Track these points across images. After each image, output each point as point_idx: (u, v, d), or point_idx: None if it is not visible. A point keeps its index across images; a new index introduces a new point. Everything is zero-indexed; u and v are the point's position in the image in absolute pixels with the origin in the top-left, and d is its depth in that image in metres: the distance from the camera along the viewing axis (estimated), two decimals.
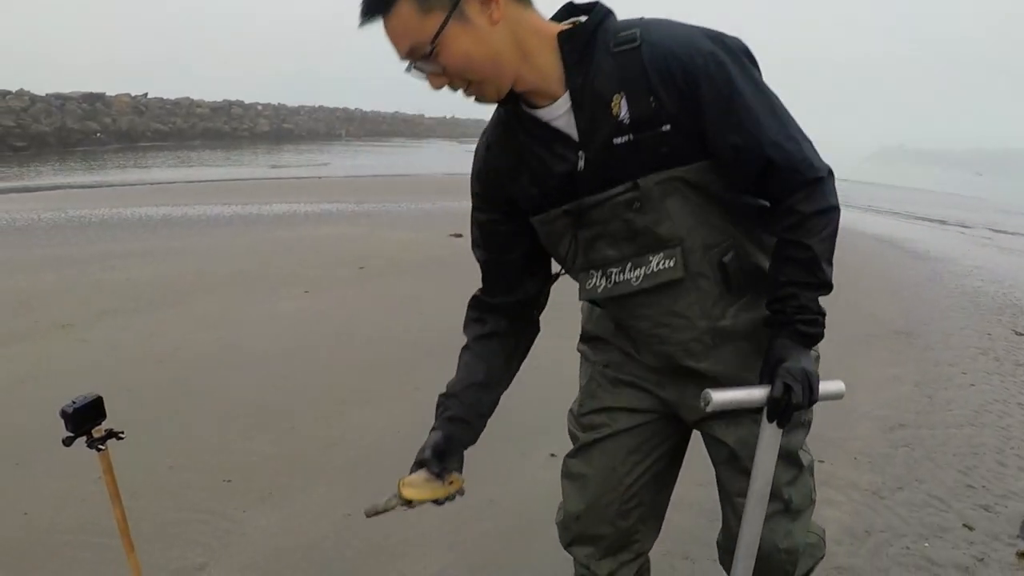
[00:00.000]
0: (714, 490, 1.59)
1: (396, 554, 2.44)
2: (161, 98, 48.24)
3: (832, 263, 1.28)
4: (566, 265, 1.41)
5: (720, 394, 1.23)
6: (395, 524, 2.61)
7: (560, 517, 1.66)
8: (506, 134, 1.36)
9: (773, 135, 1.23)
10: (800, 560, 1.51)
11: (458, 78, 1.21)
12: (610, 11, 1.27)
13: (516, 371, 1.56)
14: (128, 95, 44.96)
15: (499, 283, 1.49)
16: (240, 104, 54.68)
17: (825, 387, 1.28)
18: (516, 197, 1.38)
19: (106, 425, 1.54)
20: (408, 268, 7.05)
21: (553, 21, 1.29)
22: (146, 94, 47.02)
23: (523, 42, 1.22)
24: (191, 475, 2.92)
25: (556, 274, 1.51)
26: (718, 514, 1.59)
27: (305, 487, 2.87)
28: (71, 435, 1.49)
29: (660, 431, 1.54)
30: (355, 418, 3.52)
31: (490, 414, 1.51)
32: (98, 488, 1.73)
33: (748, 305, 1.37)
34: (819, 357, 1.39)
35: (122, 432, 1.56)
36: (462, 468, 1.46)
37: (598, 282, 1.38)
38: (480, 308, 1.53)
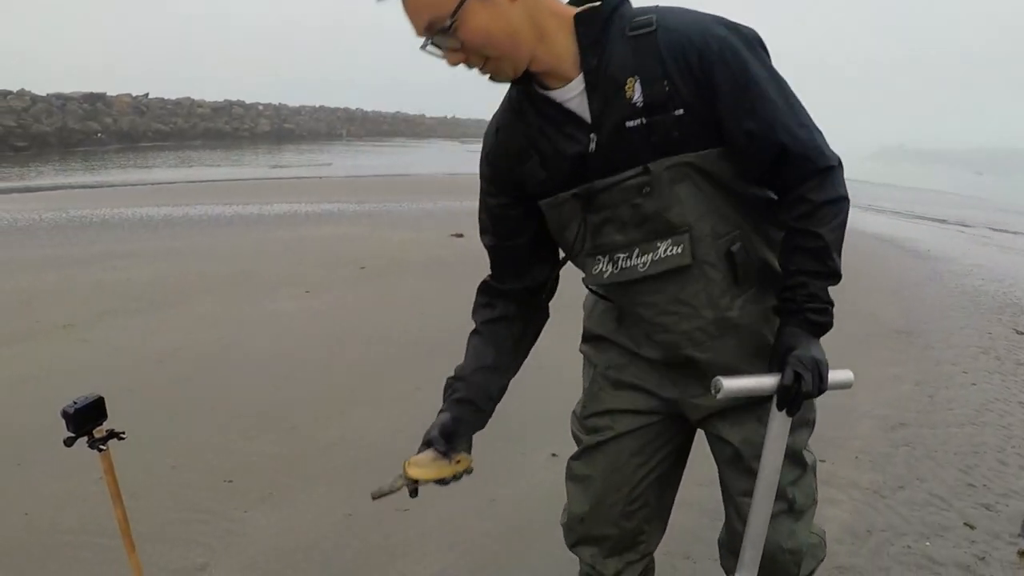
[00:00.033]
0: (715, 489, 1.59)
1: (396, 554, 2.44)
2: (162, 98, 48.26)
3: (841, 253, 1.29)
4: (573, 250, 1.39)
5: (731, 381, 1.23)
6: (396, 524, 2.62)
7: (565, 519, 1.66)
8: (516, 116, 1.36)
9: (787, 122, 1.25)
10: (804, 561, 1.51)
11: (475, 54, 1.22)
12: None
13: (525, 356, 1.55)
14: (129, 95, 44.99)
15: (508, 269, 1.49)
16: (241, 104, 54.69)
17: (834, 376, 1.28)
18: (525, 180, 1.37)
19: (107, 425, 1.54)
20: (409, 268, 7.05)
21: (570, 5, 1.30)
22: (147, 94, 47.05)
23: (540, 22, 1.23)
24: (192, 475, 2.93)
25: (564, 259, 1.50)
26: (719, 514, 1.60)
27: (306, 487, 2.87)
28: (72, 435, 1.49)
29: (663, 432, 1.54)
30: (356, 418, 3.52)
31: (499, 398, 1.50)
32: (99, 488, 1.73)
33: (754, 298, 1.36)
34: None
35: (123, 432, 1.56)
36: (470, 450, 1.43)
37: (604, 267, 1.37)
38: (489, 293, 1.52)
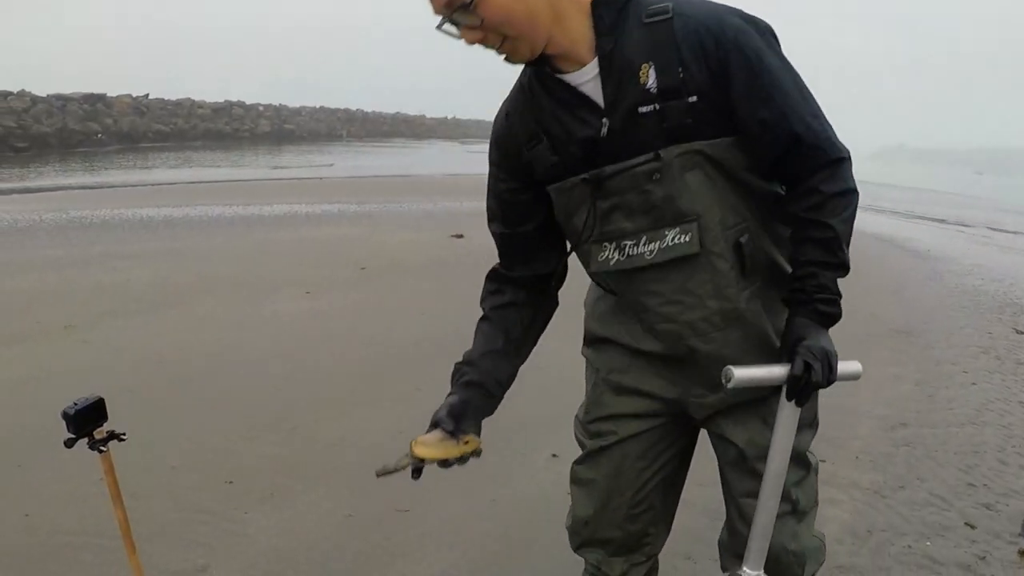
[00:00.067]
0: (716, 489, 1.59)
1: (397, 555, 2.44)
2: (162, 99, 48.26)
3: (849, 245, 1.30)
4: (579, 238, 1.39)
5: (741, 371, 1.24)
6: (396, 525, 2.62)
7: (569, 522, 1.66)
8: (527, 101, 1.36)
9: (800, 112, 1.26)
10: (807, 563, 1.51)
11: (494, 33, 1.22)
12: None
13: (534, 344, 1.54)
14: (129, 96, 44.99)
15: (516, 256, 1.49)
16: (241, 105, 54.68)
17: (843, 367, 1.28)
18: (533, 164, 1.37)
19: (108, 426, 1.54)
20: (409, 269, 7.05)
21: None
22: (147, 95, 47.04)
23: (558, 4, 1.24)
24: (192, 476, 2.93)
25: (572, 248, 1.49)
26: (720, 514, 1.59)
27: (306, 488, 2.87)
28: (73, 437, 1.49)
29: (667, 435, 1.54)
30: (356, 419, 3.52)
31: (508, 385, 1.48)
32: (99, 489, 1.73)
33: (759, 292, 1.36)
34: None
35: (124, 434, 1.56)
36: (479, 433, 1.39)
37: (610, 255, 1.36)
38: (498, 280, 1.52)
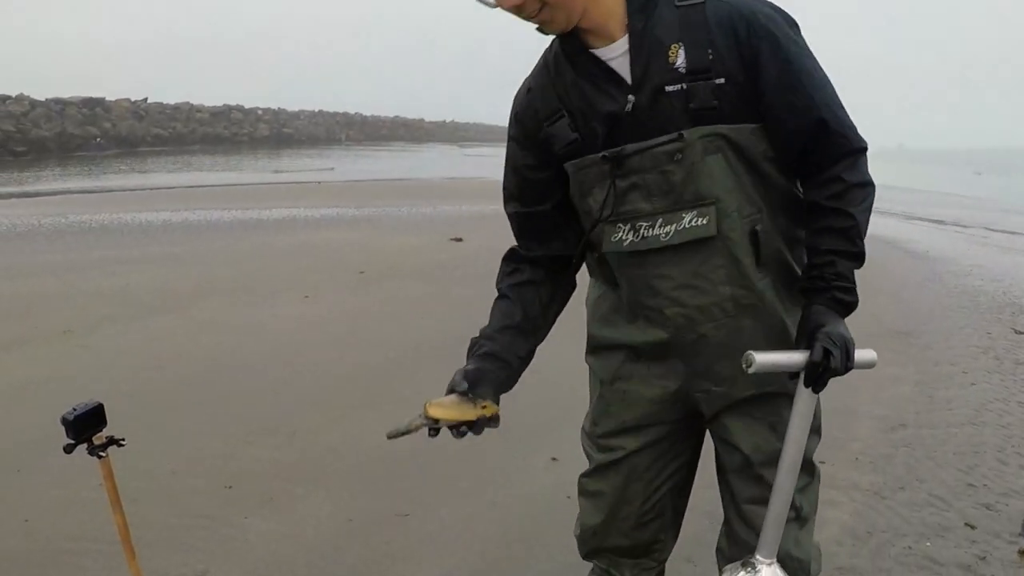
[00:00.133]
0: (716, 491, 1.58)
1: (397, 559, 2.44)
2: (161, 103, 48.32)
3: (865, 237, 1.32)
4: (593, 217, 1.39)
5: (763, 356, 1.24)
6: (396, 529, 2.62)
7: (578, 530, 1.66)
8: (551, 77, 1.38)
9: (827, 100, 1.30)
10: (810, 570, 1.51)
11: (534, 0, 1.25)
12: None
13: (551, 324, 1.52)
14: (128, 100, 45.06)
15: (534, 236, 1.49)
16: (240, 109, 54.75)
17: (859, 355, 1.28)
18: (553, 141, 1.37)
19: (107, 432, 1.54)
20: (408, 273, 7.05)
21: None
22: (146, 99, 47.11)
23: None
24: (192, 481, 2.92)
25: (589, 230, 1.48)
26: (721, 516, 1.59)
27: (306, 493, 2.87)
28: (72, 442, 1.49)
29: (675, 444, 1.53)
30: (356, 423, 3.52)
31: (527, 362, 1.45)
32: (99, 495, 1.73)
33: (771, 284, 1.36)
34: None
35: (123, 439, 1.56)
36: (498, 401, 1.33)
37: (624, 236, 1.36)
38: (515, 260, 1.52)
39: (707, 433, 1.56)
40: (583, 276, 1.58)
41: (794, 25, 1.32)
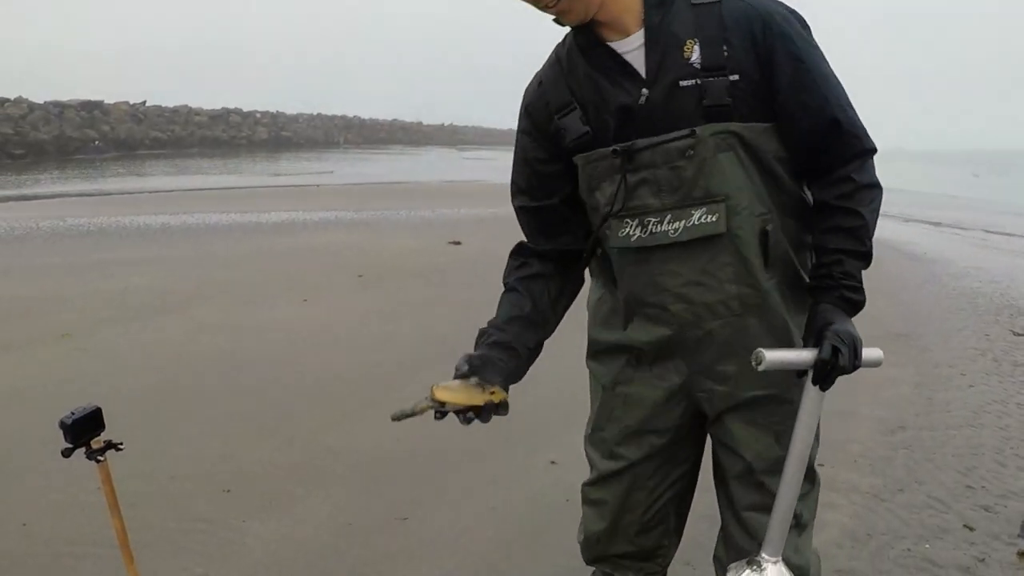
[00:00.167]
0: (715, 494, 1.58)
1: (396, 562, 2.44)
2: (159, 106, 48.36)
3: (873, 238, 1.33)
4: (600, 212, 1.39)
5: (772, 353, 1.24)
6: (395, 532, 2.61)
7: (581, 537, 1.66)
8: (563, 70, 1.39)
9: (840, 100, 1.32)
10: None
11: None
12: None
13: (560, 317, 1.52)
14: (126, 103, 45.07)
15: (542, 231, 1.49)
16: (238, 112, 54.79)
17: (866, 354, 1.29)
18: (563, 133, 1.38)
19: (105, 435, 1.54)
20: (407, 276, 7.05)
21: None
22: (144, 102, 47.12)
23: None
24: (191, 484, 2.92)
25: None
26: (720, 520, 1.59)
27: (305, 496, 2.87)
28: (70, 446, 1.49)
29: (678, 452, 1.53)
30: (355, 426, 3.52)
31: (535, 353, 1.44)
32: (98, 498, 1.73)
33: (777, 286, 1.36)
34: None
35: (121, 443, 1.56)
36: (507, 389, 1.31)
37: (632, 231, 1.36)
38: (524, 254, 1.52)
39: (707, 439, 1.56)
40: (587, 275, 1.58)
41: (807, 27, 1.34)
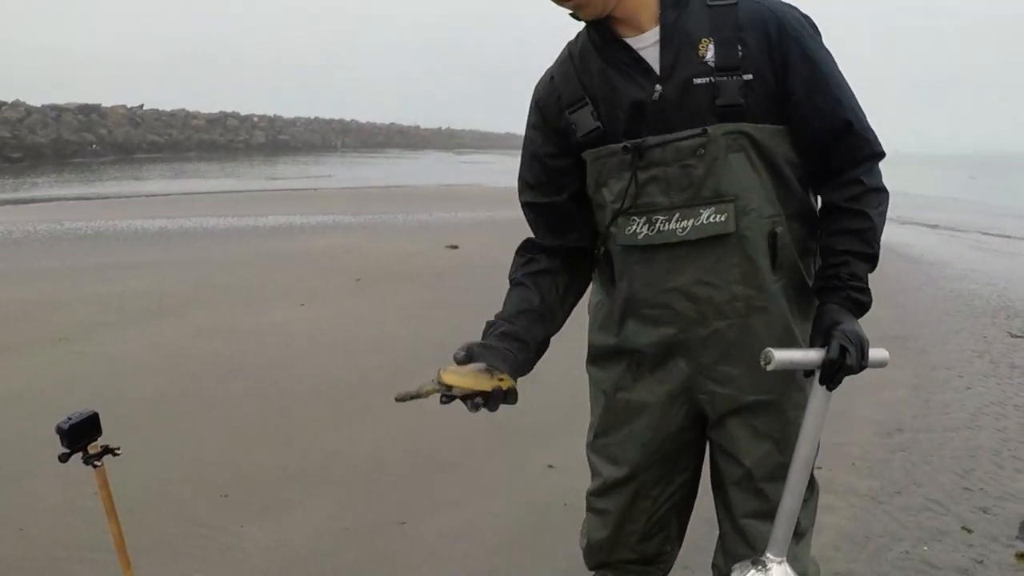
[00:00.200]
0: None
1: (395, 566, 2.43)
2: (157, 109, 48.34)
3: (880, 241, 1.35)
4: (608, 209, 1.39)
5: (781, 353, 1.24)
6: (393, 537, 2.61)
7: (584, 543, 1.66)
8: (575, 67, 1.39)
9: (852, 103, 1.34)
10: None
11: None
12: None
13: (568, 314, 1.51)
14: (124, 106, 45.06)
15: (549, 227, 1.49)
16: (236, 116, 54.79)
17: (872, 354, 1.29)
18: (574, 128, 1.38)
19: (102, 440, 1.54)
20: (405, 280, 7.04)
21: None
22: (142, 105, 47.10)
23: None
24: (188, 489, 2.91)
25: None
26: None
27: (303, 500, 2.86)
28: (67, 451, 1.49)
29: (680, 460, 1.53)
30: (352, 430, 3.51)
31: (543, 347, 1.42)
32: (95, 503, 1.72)
33: (784, 289, 1.37)
34: None
35: (118, 448, 1.55)
36: (515, 378, 1.28)
37: (639, 229, 1.36)
38: (531, 250, 1.51)
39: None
40: None
41: (818, 31, 1.36)
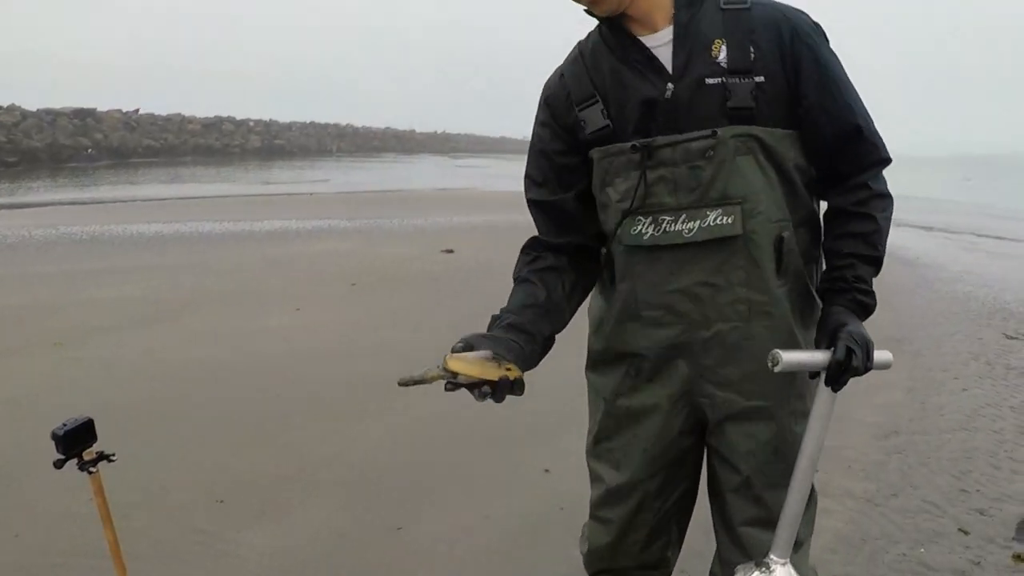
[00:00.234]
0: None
1: (391, 572, 2.43)
2: (152, 114, 48.32)
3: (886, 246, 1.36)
4: (613, 208, 1.38)
5: (788, 354, 1.24)
6: (390, 543, 2.60)
7: (585, 549, 1.65)
8: (586, 65, 1.40)
9: (861, 108, 1.35)
10: None
11: None
12: None
13: (574, 311, 1.50)
14: (119, 111, 45.01)
15: (555, 225, 1.49)
16: (231, 120, 54.75)
17: (877, 356, 1.30)
18: (583, 125, 1.39)
19: (98, 446, 1.53)
20: (400, 284, 7.04)
21: None
22: (137, 110, 47.07)
23: None
24: (184, 495, 2.91)
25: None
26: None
27: (299, 506, 2.85)
28: (62, 458, 1.48)
29: (681, 468, 1.53)
30: (348, 435, 3.50)
31: (549, 343, 1.41)
32: (90, 509, 1.72)
33: (788, 294, 1.36)
34: None
35: (113, 455, 1.55)
36: (522, 370, 1.26)
37: (645, 229, 1.36)
38: (536, 248, 1.51)
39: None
40: None
41: (827, 38, 1.37)
